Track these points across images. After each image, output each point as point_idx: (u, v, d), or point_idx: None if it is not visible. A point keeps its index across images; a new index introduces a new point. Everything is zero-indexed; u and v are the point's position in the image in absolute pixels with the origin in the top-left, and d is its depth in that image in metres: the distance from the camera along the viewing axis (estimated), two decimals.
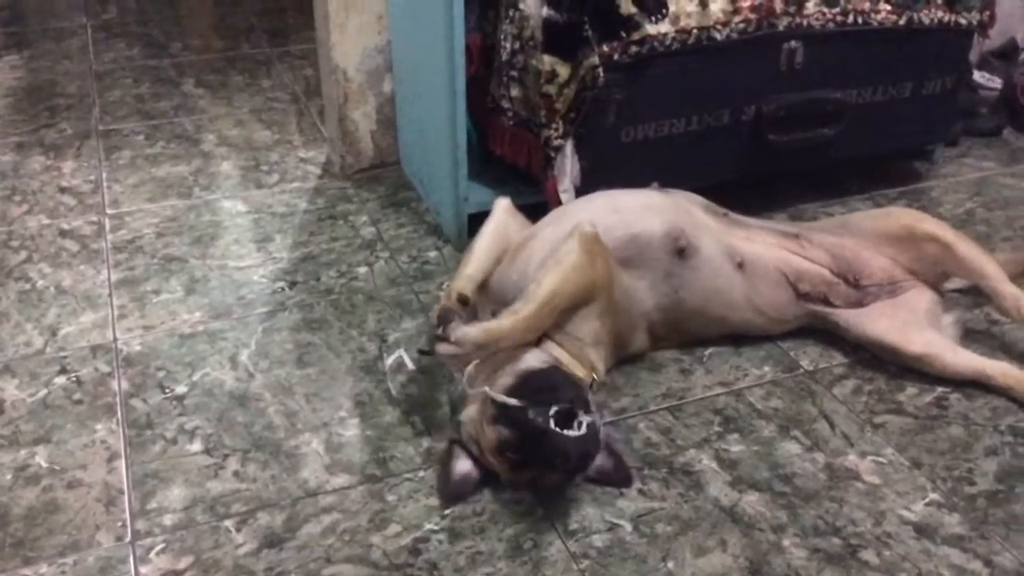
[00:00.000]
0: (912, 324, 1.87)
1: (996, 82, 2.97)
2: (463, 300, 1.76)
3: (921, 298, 1.93)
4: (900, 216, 2.02)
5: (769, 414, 1.78)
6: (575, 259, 1.69)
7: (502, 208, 1.94)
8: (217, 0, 4.45)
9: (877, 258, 1.95)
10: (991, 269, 1.88)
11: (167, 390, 1.85)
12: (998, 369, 1.81)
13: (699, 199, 1.98)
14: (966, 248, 1.91)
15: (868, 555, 1.48)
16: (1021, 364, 1.84)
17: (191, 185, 2.65)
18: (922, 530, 1.53)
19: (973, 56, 2.66)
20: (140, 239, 2.38)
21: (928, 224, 1.96)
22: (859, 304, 1.91)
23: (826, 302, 1.92)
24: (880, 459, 1.67)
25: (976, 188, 2.60)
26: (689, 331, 1.92)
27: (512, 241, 1.87)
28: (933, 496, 1.59)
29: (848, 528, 1.53)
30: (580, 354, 1.71)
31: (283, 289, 2.18)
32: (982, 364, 1.82)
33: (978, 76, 2.95)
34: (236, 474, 1.65)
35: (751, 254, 1.89)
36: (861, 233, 1.98)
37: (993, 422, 1.75)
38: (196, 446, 1.71)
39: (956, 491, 1.61)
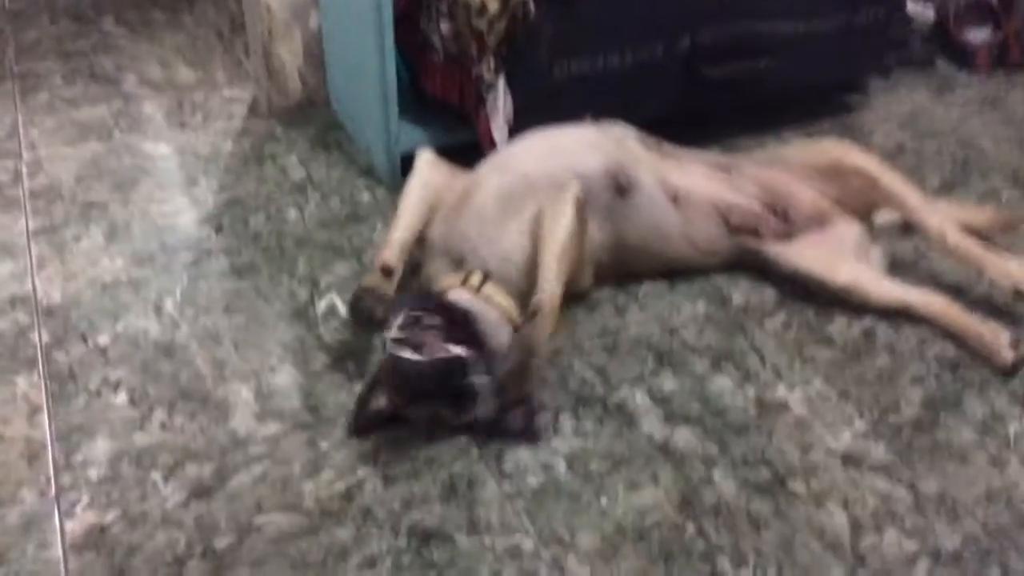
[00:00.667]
0: (839, 256, 1.88)
1: (929, 12, 2.97)
2: (387, 271, 1.73)
3: (849, 230, 1.94)
4: (829, 149, 2.02)
5: (701, 349, 1.79)
6: (572, 227, 1.69)
7: (425, 161, 1.91)
8: None
9: (806, 191, 1.95)
10: (915, 200, 1.90)
11: (89, 341, 1.80)
12: (921, 299, 1.84)
13: (633, 131, 1.97)
14: (891, 180, 1.92)
15: (796, 485, 1.51)
16: (947, 294, 1.87)
17: (111, 127, 2.55)
18: (849, 459, 1.56)
19: None
20: (59, 185, 2.29)
21: (855, 157, 1.97)
22: (788, 237, 1.92)
23: (756, 235, 1.92)
24: (809, 391, 1.70)
25: (908, 119, 2.61)
26: (629, 267, 1.92)
27: (443, 192, 1.84)
28: (860, 426, 1.62)
29: (777, 459, 1.55)
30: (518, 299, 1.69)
31: (209, 235, 2.12)
32: (906, 294, 1.85)
33: (911, 6, 2.94)
34: (163, 425, 1.61)
35: (684, 188, 1.89)
36: (791, 166, 1.98)
37: (919, 352, 1.78)
38: (121, 398, 1.67)
39: (882, 420, 1.63)
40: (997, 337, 1.74)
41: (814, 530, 1.43)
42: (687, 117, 2.37)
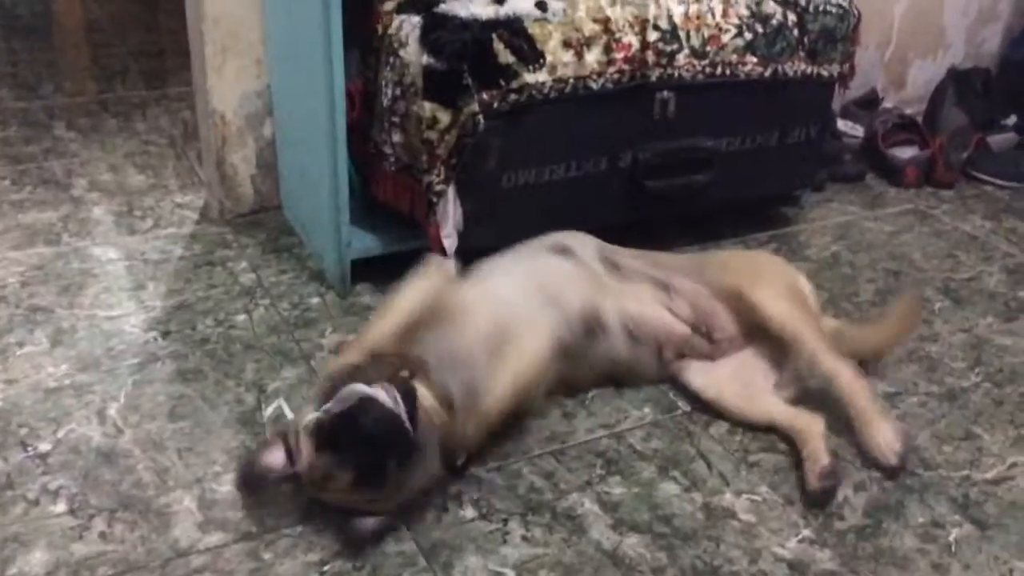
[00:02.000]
0: (750, 386, 1.92)
1: (859, 130, 3.13)
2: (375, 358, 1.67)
3: (758, 357, 1.96)
4: (739, 276, 1.98)
5: (649, 455, 1.81)
6: (538, 366, 1.75)
7: (441, 274, 1.88)
8: (91, 42, 4.33)
9: (727, 311, 1.97)
10: (810, 342, 1.86)
11: (29, 448, 1.76)
12: (786, 416, 1.86)
13: (594, 244, 2.03)
14: (784, 320, 1.89)
15: None
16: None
17: (60, 231, 2.54)
18: (795, 566, 1.57)
19: (836, 105, 2.81)
20: (3, 288, 2.27)
21: (756, 293, 1.93)
22: (709, 357, 1.96)
23: (681, 357, 1.97)
24: (755, 497, 1.72)
25: (841, 231, 2.72)
26: (577, 388, 1.97)
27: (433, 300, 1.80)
28: (806, 532, 1.64)
29: (725, 567, 1.56)
30: (449, 406, 1.66)
31: (156, 339, 2.10)
32: (778, 414, 1.87)
33: (841, 124, 3.10)
34: (102, 535, 1.57)
35: (636, 318, 1.92)
36: (712, 282, 1.99)
37: (860, 458, 1.81)
38: (60, 506, 1.63)
39: (827, 527, 1.66)
40: (815, 462, 1.73)
41: None
42: (631, 225, 2.45)
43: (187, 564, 1.53)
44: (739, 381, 1.93)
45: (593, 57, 2.17)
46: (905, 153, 3.05)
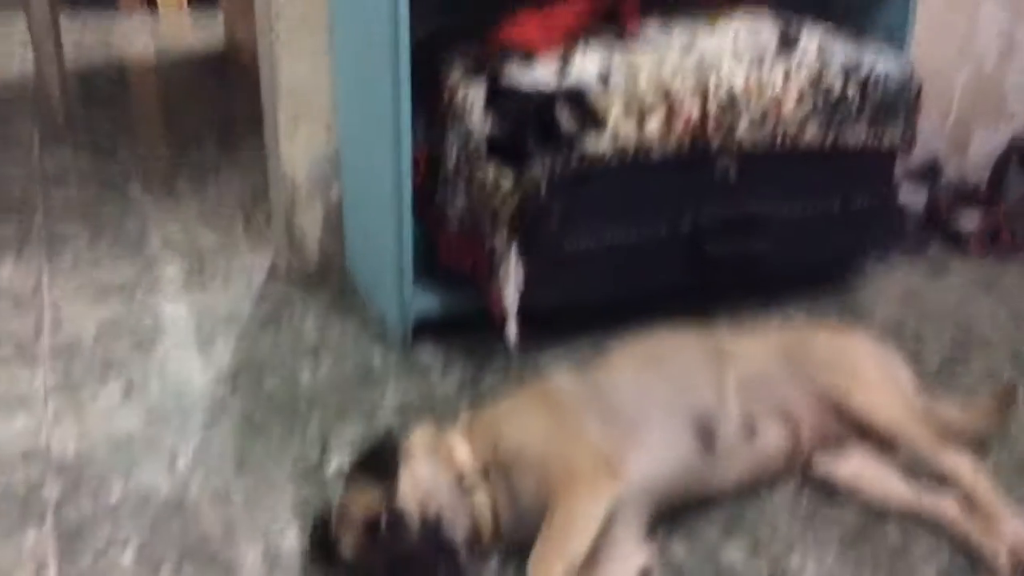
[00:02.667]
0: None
1: (921, 199, 3.11)
2: None
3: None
4: (836, 375, 1.88)
5: (713, 517, 1.79)
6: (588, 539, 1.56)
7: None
8: (165, 108, 4.51)
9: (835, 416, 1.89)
10: (924, 443, 1.81)
11: (100, 497, 1.80)
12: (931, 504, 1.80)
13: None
14: (893, 429, 1.83)
15: None
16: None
17: (133, 288, 2.63)
18: None
19: (898, 174, 2.80)
20: (79, 342, 2.34)
21: (859, 399, 1.85)
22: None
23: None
24: (822, 565, 1.68)
25: (906, 299, 2.69)
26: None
27: None
28: None
29: None
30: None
31: (224, 394, 2.15)
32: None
33: (904, 193, 3.09)
34: None
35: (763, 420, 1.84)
36: (811, 384, 1.87)
37: (926, 529, 1.77)
38: (128, 556, 1.66)
39: None
40: (995, 551, 1.67)
41: None
42: (692, 290, 2.45)
43: None
44: (869, 466, 1.85)
45: (654, 126, 2.21)
46: (968, 222, 3.03)
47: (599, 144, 2.16)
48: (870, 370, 1.92)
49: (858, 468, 1.86)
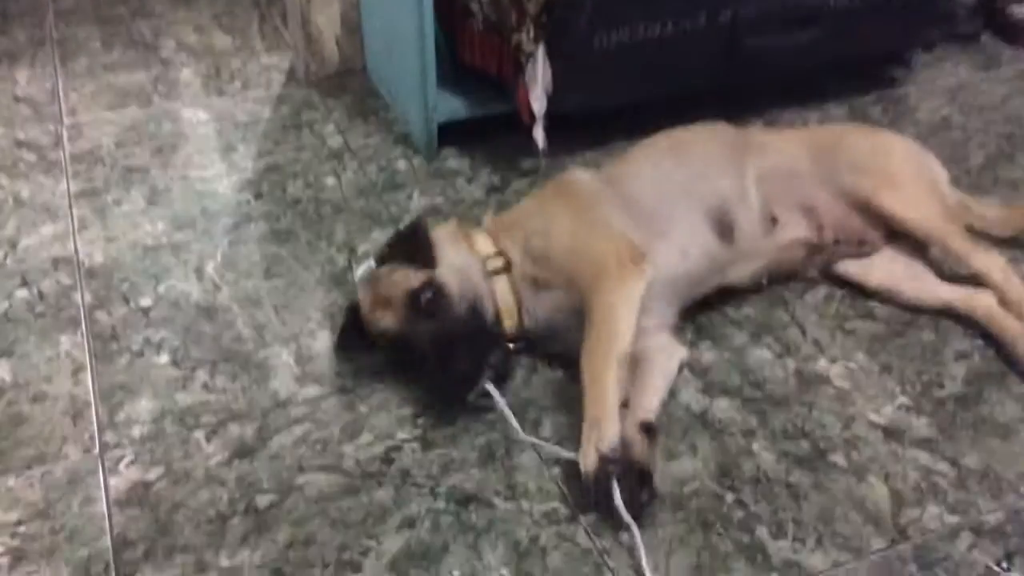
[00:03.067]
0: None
1: None
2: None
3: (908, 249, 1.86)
4: (872, 177, 1.81)
5: (741, 321, 1.78)
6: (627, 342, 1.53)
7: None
8: None
9: (867, 220, 1.83)
10: (957, 243, 1.78)
11: (131, 302, 1.82)
12: (962, 297, 1.77)
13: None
14: (921, 224, 1.79)
15: (837, 457, 1.50)
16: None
17: (150, 93, 2.56)
18: (891, 433, 1.54)
19: None
20: (99, 149, 2.31)
21: (893, 202, 1.79)
22: (857, 256, 1.85)
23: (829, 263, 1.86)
24: (850, 364, 1.68)
25: (952, 94, 2.57)
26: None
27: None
28: (902, 400, 1.61)
29: (817, 432, 1.54)
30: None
31: (248, 200, 2.13)
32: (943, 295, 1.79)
33: None
34: (205, 386, 1.63)
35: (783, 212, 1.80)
36: (846, 189, 1.82)
37: (963, 326, 1.75)
38: (163, 358, 1.69)
39: (925, 394, 1.62)
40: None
41: (855, 502, 1.43)
42: (728, 89, 2.35)
43: (287, 414, 1.58)
44: (900, 268, 1.82)
45: None
46: (1023, 10, 2.84)
47: None
48: (901, 170, 1.85)
49: (888, 269, 1.83)
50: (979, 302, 1.75)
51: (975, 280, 1.77)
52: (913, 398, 1.61)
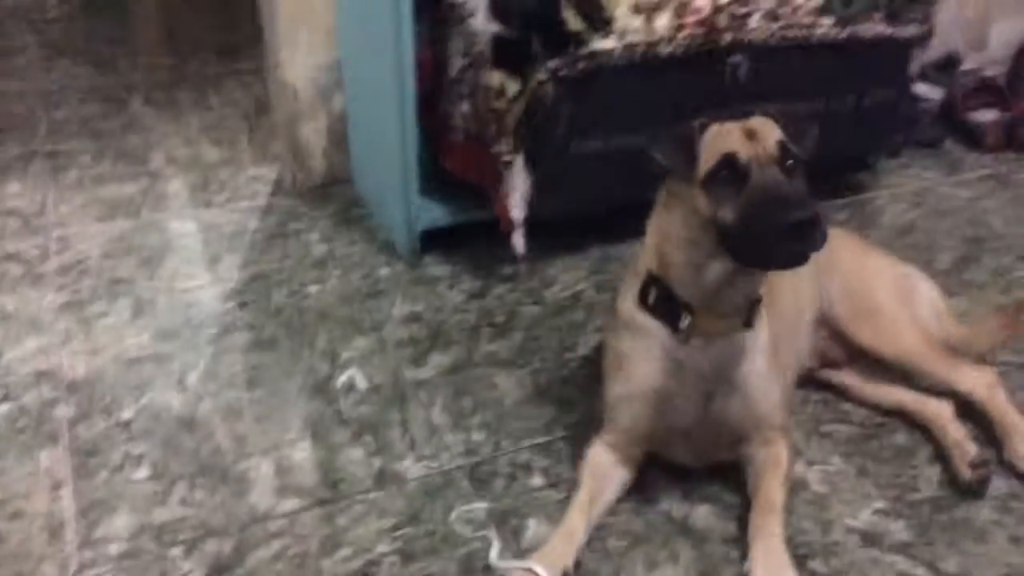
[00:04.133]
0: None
1: (937, 93, 3.02)
2: None
3: None
4: (855, 311, 1.82)
5: None
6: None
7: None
8: (165, 17, 4.41)
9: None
10: (937, 375, 1.80)
11: (113, 415, 1.83)
12: (915, 402, 1.80)
13: None
14: (910, 365, 1.80)
15: (816, 564, 1.50)
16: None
17: (139, 205, 2.61)
18: (868, 538, 1.55)
19: (914, 68, 2.72)
20: (86, 261, 2.34)
21: (876, 341, 1.80)
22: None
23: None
24: (827, 468, 1.70)
25: (918, 198, 2.65)
26: None
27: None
28: (879, 504, 1.62)
29: (797, 537, 1.55)
30: None
31: (232, 310, 2.16)
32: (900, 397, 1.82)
33: (919, 87, 3.00)
34: (183, 500, 1.63)
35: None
36: (831, 319, 1.85)
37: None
38: (142, 472, 1.69)
39: (901, 498, 1.63)
40: (964, 452, 1.67)
41: None
42: None
43: (265, 528, 1.57)
44: (865, 369, 1.84)
45: (663, 22, 2.14)
46: (985, 116, 2.95)
47: (606, 43, 2.10)
48: (885, 300, 1.83)
49: (860, 375, 1.85)
50: (929, 408, 1.77)
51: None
52: (889, 501, 1.62)
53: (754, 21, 2.22)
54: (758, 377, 1.54)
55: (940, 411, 1.76)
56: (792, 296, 1.78)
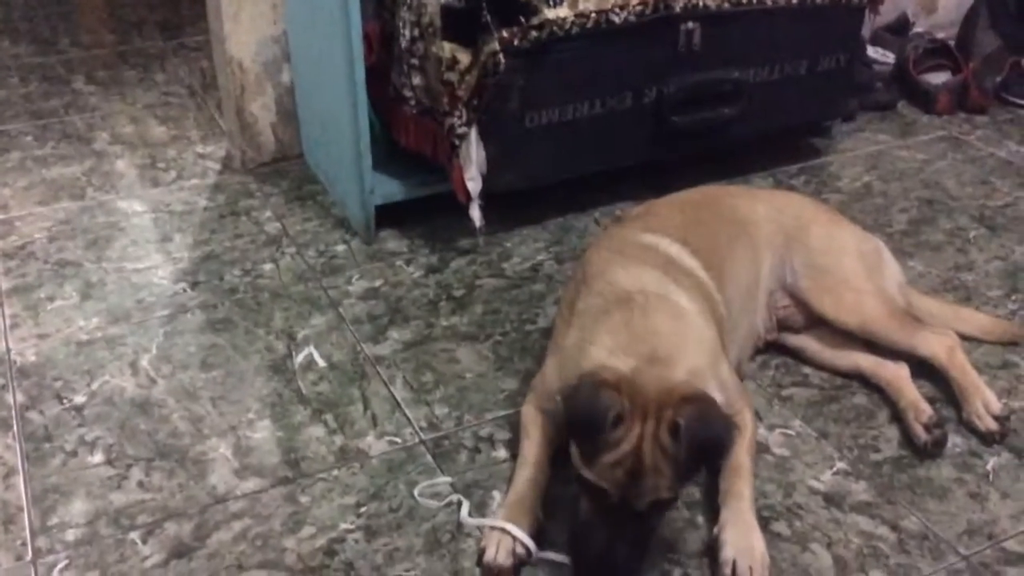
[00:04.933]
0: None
1: (889, 57, 3.04)
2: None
3: None
4: (819, 285, 1.81)
5: None
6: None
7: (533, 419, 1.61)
8: None
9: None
10: (901, 344, 1.80)
11: (65, 400, 1.78)
12: (872, 365, 1.81)
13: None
14: (876, 335, 1.80)
15: (779, 526, 1.51)
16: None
17: (84, 186, 2.55)
18: (831, 499, 1.56)
19: (866, 32, 2.73)
20: (32, 244, 2.28)
21: (843, 315, 1.79)
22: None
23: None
24: (788, 431, 1.71)
25: (873, 161, 2.67)
26: None
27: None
28: (840, 465, 1.63)
29: (760, 500, 1.55)
30: None
31: (184, 290, 2.11)
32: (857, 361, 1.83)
33: (872, 51, 3.02)
34: (140, 484, 1.59)
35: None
36: (795, 290, 1.85)
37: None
38: (97, 457, 1.65)
39: (862, 459, 1.64)
40: (919, 412, 1.68)
41: (799, 571, 1.43)
42: (657, 163, 2.41)
43: (225, 509, 1.54)
44: (824, 334, 1.84)
45: None
46: (937, 79, 2.97)
47: (558, 12, 2.07)
48: (851, 275, 1.81)
49: (818, 339, 1.86)
50: (886, 371, 1.78)
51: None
52: (851, 463, 1.64)
53: None
54: None
55: (897, 373, 1.77)
56: (749, 267, 1.79)
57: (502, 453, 1.66)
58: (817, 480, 1.60)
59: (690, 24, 2.24)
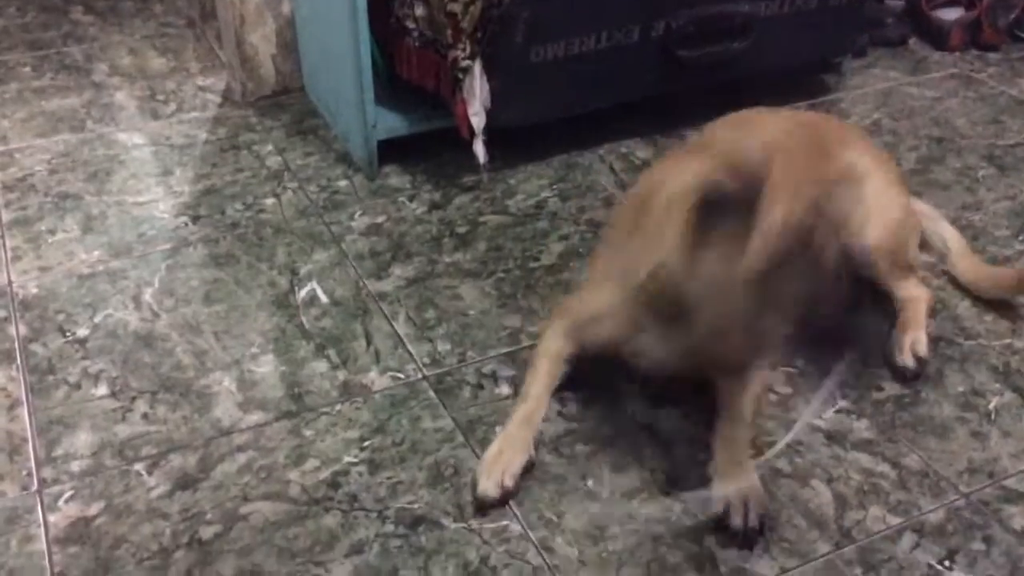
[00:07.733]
0: None
1: None
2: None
3: None
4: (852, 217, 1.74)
5: None
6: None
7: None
8: None
9: None
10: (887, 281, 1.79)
11: (68, 333, 1.78)
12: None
13: None
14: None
15: (781, 463, 1.52)
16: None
17: (83, 118, 2.52)
18: (833, 436, 1.57)
19: None
20: (32, 176, 2.26)
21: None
22: None
23: None
24: (791, 369, 1.70)
25: (883, 98, 2.63)
26: None
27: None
28: (842, 403, 1.63)
29: (761, 438, 1.56)
30: None
31: (186, 224, 2.10)
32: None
33: None
34: (145, 416, 1.60)
35: None
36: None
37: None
38: (101, 389, 1.66)
39: (864, 397, 1.65)
40: (916, 341, 1.69)
41: (799, 507, 1.44)
42: (665, 99, 2.38)
43: (230, 442, 1.55)
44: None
45: None
46: (950, 15, 2.92)
47: None
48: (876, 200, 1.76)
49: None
50: (913, 289, 1.78)
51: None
52: (853, 401, 1.64)
53: None
54: None
55: (922, 295, 1.78)
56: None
57: (505, 390, 1.66)
58: (820, 418, 1.60)
59: None
